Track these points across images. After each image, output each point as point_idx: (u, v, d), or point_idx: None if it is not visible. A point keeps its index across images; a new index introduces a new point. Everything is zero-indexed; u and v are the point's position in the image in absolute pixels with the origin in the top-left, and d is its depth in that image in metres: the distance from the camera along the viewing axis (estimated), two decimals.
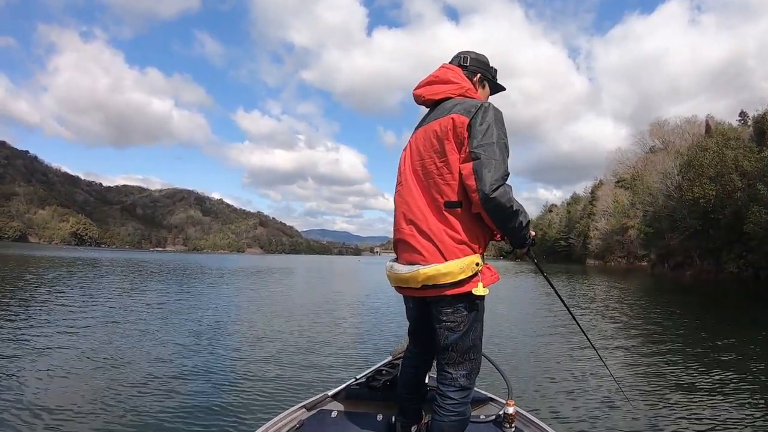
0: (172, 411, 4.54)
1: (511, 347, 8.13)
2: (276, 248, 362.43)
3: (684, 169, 44.17)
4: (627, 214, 71.48)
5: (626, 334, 10.10)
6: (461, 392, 2.20)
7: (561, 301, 2.95)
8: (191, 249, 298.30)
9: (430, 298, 2.18)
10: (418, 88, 2.43)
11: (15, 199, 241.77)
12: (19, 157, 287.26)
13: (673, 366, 6.96)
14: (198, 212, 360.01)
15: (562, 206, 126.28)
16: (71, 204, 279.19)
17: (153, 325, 9.31)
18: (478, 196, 2.00)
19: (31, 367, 5.93)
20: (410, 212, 2.24)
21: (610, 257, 78.78)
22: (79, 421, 4.24)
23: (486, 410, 2.92)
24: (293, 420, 2.71)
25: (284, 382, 5.63)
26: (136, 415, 4.40)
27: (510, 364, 6.69)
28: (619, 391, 5.29)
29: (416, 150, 2.30)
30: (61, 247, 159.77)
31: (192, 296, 15.29)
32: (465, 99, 2.24)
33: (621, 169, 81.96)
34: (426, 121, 2.33)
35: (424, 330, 2.36)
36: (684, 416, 4.76)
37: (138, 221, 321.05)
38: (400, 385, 2.58)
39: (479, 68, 2.46)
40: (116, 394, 4.99)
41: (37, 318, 9.47)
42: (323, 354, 7.23)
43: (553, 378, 6.14)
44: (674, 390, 5.72)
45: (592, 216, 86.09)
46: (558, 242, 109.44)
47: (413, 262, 2.18)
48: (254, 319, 10.70)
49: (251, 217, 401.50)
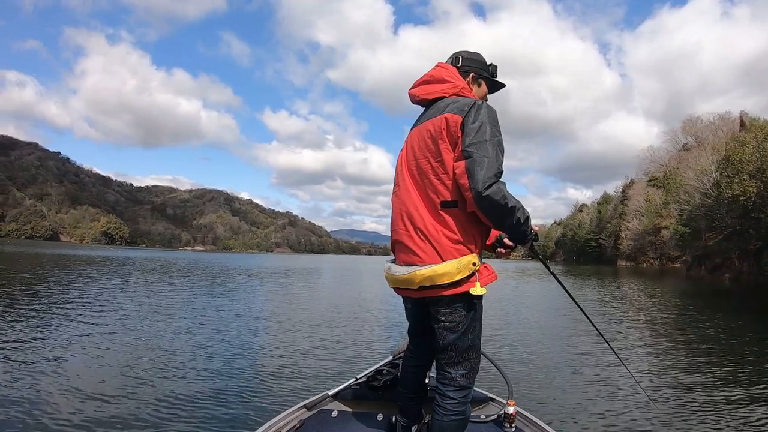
0: (172, 410, 4.51)
1: (511, 347, 8.04)
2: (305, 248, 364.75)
3: (722, 166, 42.11)
4: (660, 214, 69.59)
5: (654, 336, 9.61)
6: (461, 391, 2.22)
7: (569, 296, 2.78)
8: (220, 248, 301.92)
9: (428, 298, 2.19)
10: (413, 88, 2.43)
11: (47, 199, 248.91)
12: (50, 159, 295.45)
13: (698, 372, 6.58)
14: (227, 212, 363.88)
15: (592, 206, 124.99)
16: (102, 204, 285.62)
17: (157, 324, 9.27)
18: (471, 195, 2.01)
19: (52, 360, 6.13)
20: (407, 213, 2.25)
21: (642, 258, 76.66)
22: (73, 413, 4.30)
23: (486, 410, 2.94)
24: (294, 420, 2.71)
25: (285, 381, 5.61)
26: (135, 413, 4.38)
27: (510, 363, 6.62)
28: (623, 392, 5.40)
29: (411, 150, 2.32)
30: (92, 246, 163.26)
31: (202, 296, 14.96)
32: (458, 98, 2.24)
33: (653, 167, 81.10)
34: (421, 120, 2.35)
35: (424, 330, 2.38)
36: (697, 425, 4.51)
37: (168, 221, 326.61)
38: (400, 385, 2.59)
39: (473, 67, 2.46)
40: (115, 392, 4.98)
41: (64, 313, 9.84)
42: (324, 354, 7.17)
43: (553, 378, 6.09)
44: (690, 395, 5.47)
45: (624, 216, 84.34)
46: (588, 243, 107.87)
47: (410, 263, 2.19)
48: (257, 319, 10.64)
49: (280, 217, 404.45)
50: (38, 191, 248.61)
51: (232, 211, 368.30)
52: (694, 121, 71.29)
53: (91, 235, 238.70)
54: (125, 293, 14.17)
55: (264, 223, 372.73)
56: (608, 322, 11.50)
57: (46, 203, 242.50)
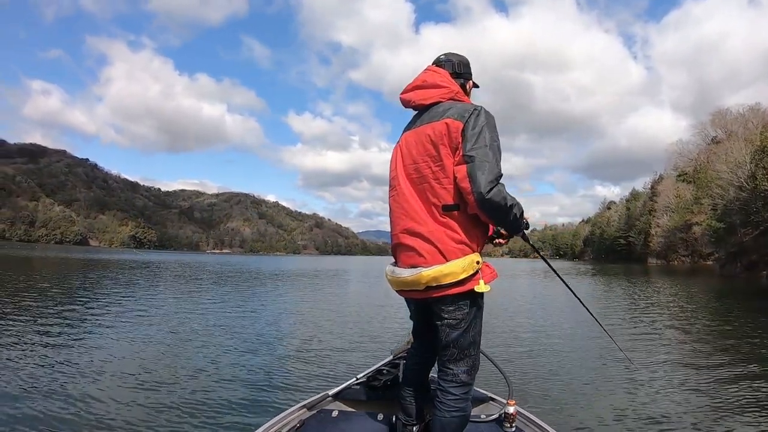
0: (172, 409, 4.53)
1: (512, 346, 8.06)
2: (332, 249, 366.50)
3: (757, 156, 39.95)
4: (690, 210, 67.13)
5: (674, 336, 9.50)
6: (462, 388, 2.26)
7: (570, 291, 2.86)
8: (248, 251, 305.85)
9: (433, 298, 2.22)
10: (406, 93, 2.45)
11: (76, 205, 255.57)
12: (79, 165, 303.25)
13: (712, 375, 6.28)
14: (254, 215, 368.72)
15: (620, 203, 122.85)
16: (130, 208, 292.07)
17: (160, 325, 9.39)
18: (474, 198, 2.06)
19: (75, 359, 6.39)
20: (408, 217, 2.28)
21: (672, 256, 74.42)
22: (67, 414, 4.35)
23: (486, 410, 2.94)
24: (294, 419, 2.72)
25: (285, 381, 5.63)
26: (134, 412, 4.41)
27: (511, 363, 6.61)
28: (623, 391, 5.46)
29: (409, 154, 2.34)
30: (121, 250, 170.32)
31: (210, 299, 14.97)
32: (456, 103, 2.29)
33: (682, 162, 78.99)
34: (416, 124, 2.37)
35: (428, 329, 2.41)
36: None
37: (195, 224, 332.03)
38: (403, 383, 2.61)
39: (469, 73, 2.54)
40: (114, 392, 5.02)
41: (90, 315, 10.25)
42: (324, 354, 7.22)
43: (554, 377, 6.07)
44: (702, 398, 5.32)
45: (653, 212, 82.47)
46: (617, 241, 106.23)
47: (415, 265, 2.22)
48: (259, 320, 10.59)
49: (307, 219, 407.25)
50: (67, 197, 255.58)
51: (259, 214, 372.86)
52: (723, 113, 69.47)
53: (120, 239, 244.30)
54: (139, 297, 14.22)
55: (291, 226, 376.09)
56: (630, 323, 11.15)
57: (75, 209, 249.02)
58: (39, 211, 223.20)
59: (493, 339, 8.41)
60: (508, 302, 15.40)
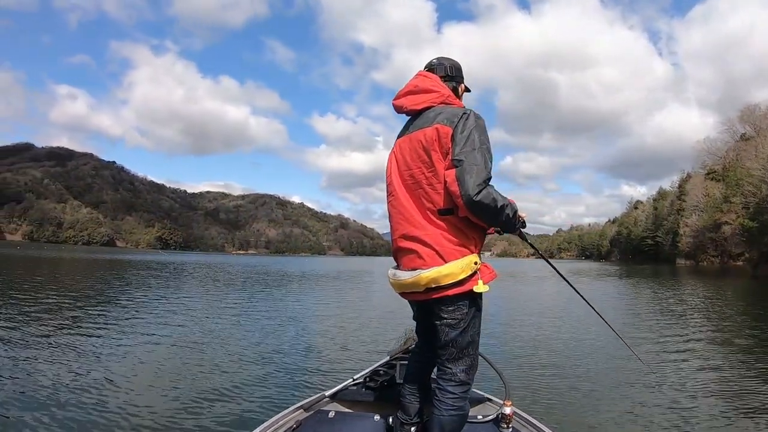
0: (168, 410, 4.53)
1: (509, 347, 8.06)
2: (357, 250, 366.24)
3: None
4: (720, 209, 64.90)
5: (692, 337, 9.23)
6: (460, 387, 2.28)
7: (569, 285, 2.81)
8: (273, 252, 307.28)
9: (433, 299, 2.24)
10: (398, 99, 2.47)
11: (103, 207, 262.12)
12: (106, 168, 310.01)
13: (742, 389, 5.72)
14: (279, 216, 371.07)
15: (647, 202, 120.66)
16: (157, 210, 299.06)
17: (161, 324, 9.42)
18: (463, 201, 2.08)
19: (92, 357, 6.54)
20: (406, 221, 2.31)
21: (702, 257, 72.00)
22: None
23: (483, 410, 2.93)
24: (291, 420, 2.72)
25: (282, 382, 5.62)
26: (134, 412, 4.41)
27: (507, 364, 6.57)
28: (622, 391, 5.45)
29: (403, 160, 2.36)
30: (147, 251, 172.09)
31: (216, 300, 15.01)
32: (446, 107, 2.30)
33: (710, 159, 77.49)
34: (409, 130, 2.39)
35: (430, 329, 2.41)
36: None
37: (221, 225, 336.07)
38: (404, 380, 2.64)
39: (461, 77, 2.56)
40: (112, 389, 5.06)
41: (112, 315, 10.40)
42: (321, 354, 7.24)
43: (551, 378, 6.02)
44: (707, 401, 5.17)
45: (681, 212, 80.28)
46: (644, 241, 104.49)
47: (415, 268, 2.24)
48: (260, 320, 10.59)
49: (332, 220, 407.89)
50: (94, 199, 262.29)
51: (284, 215, 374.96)
52: (752, 109, 68.23)
53: (146, 241, 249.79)
54: (140, 299, 14.14)
55: (316, 227, 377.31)
56: (649, 325, 10.87)
57: (102, 210, 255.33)
58: (66, 213, 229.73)
59: (490, 339, 8.38)
60: (506, 303, 15.39)
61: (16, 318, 9.23)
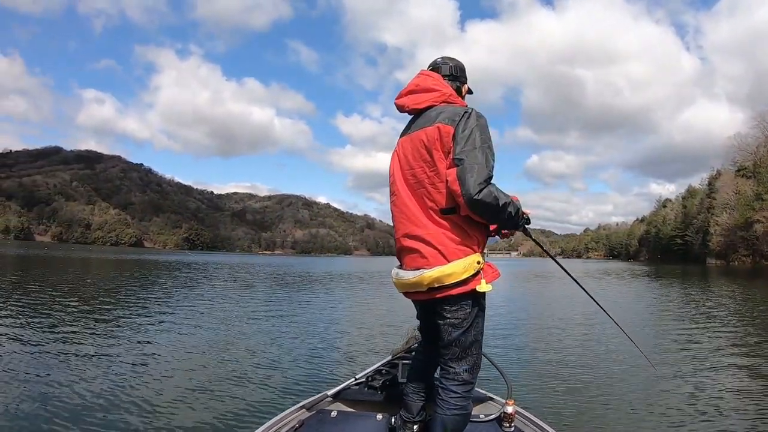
0: (170, 409, 4.56)
1: (512, 346, 8.06)
2: (383, 250, 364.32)
3: None
4: (752, 206, 63.30)
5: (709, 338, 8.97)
6: (464, 386, 2.29)
7: (576, 282, 2.76)
8: (299, 252, 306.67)
9: (436, 299, 2.25)
10: (400, 98, 2.47)
11: (131, 208, 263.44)
12: (134, 170, 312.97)
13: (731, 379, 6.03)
14: (306, 216, 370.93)
15: (676, 201, 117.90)
16: (184, 211, 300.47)
17: (163, 324, 9.46)
18: (464, 200, 2.07)
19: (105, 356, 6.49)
20: (408, 221, 2.31)
21: (733, 256, 70.11)
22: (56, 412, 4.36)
23: (486, 409, 2.95)
24: (293, 420, 2.74)
25: (284, 382, 5.64)
26: (137, 410, 4.45)
27: (510, 363, 6.61)
28: (623, 391, 5.40)
29: (405, 160, 2.37)
30: (175, 251, 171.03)
31: (222, 300, 14.86)
32: (447, 106, 2.31)
33: (741, 156, 75.26)
34: (411, 129, 2.40)
35: (434, 328, 2.42)
36: None
37: (248, 226, 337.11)
38: (407, 379, 2.66)
39: (465, 77, 2.57)
40: (115, 388, 5.10)
41: (118, 314, 10.53)
42: (323, 354, 7.24)
43: (553, 377, 6.02)
44: (711, 400, 5.13)
45: (712, 210, 78.17)
46: (673, 240, 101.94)
47: (417, 267, 2.25)
48: (260, 321, 10.59)
49: (358, 220, 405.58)
50: (122, 201, 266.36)
51: (311, 215, 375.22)
52: None
53: (174, 241, 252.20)
54: (162, 299, 14.17)
55: (342, 227, 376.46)
56: (668, 328, 10.48)
57: (129, 212, 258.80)
58: (95, 214, 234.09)
59: (492, 339, 8.34)
60: (509, 302, 15.24)
61: (24, 313, 9.71)
